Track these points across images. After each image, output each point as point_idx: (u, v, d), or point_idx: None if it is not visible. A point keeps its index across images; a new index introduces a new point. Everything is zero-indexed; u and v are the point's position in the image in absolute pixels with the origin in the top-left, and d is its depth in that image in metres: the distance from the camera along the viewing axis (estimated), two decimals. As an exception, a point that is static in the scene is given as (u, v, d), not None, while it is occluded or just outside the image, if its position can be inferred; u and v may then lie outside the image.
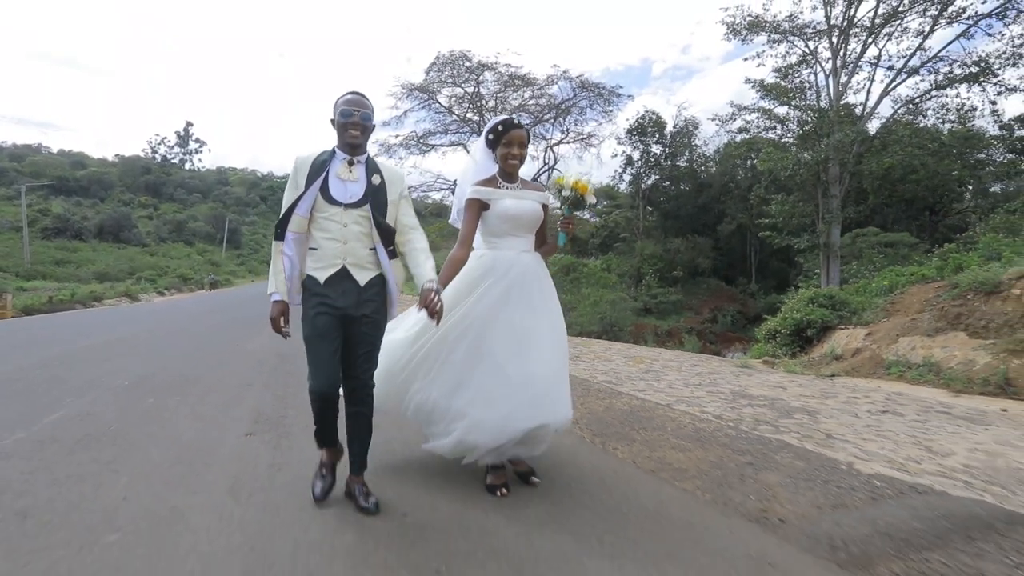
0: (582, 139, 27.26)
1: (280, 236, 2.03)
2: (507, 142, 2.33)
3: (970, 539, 1.87)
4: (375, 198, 2.07)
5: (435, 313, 2.02)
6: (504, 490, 2.27)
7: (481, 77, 26.30)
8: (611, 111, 27.16)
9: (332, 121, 2.09)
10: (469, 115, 27.55)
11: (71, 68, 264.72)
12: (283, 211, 2.04)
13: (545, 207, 2.45)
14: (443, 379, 2.25)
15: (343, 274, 2.04)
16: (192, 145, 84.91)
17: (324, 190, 2.02)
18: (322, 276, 2.03)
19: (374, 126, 2.12)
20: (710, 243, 30.73)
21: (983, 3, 15.38)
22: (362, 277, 2.07)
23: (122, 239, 48.05)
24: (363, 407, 2.11)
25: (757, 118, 19.10)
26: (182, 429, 3.27)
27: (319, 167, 2.04)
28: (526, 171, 3.18)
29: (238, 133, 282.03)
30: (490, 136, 2.40)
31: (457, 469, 2.43)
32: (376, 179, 2.10)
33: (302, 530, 1.91)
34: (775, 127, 18.78)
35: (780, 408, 4.05)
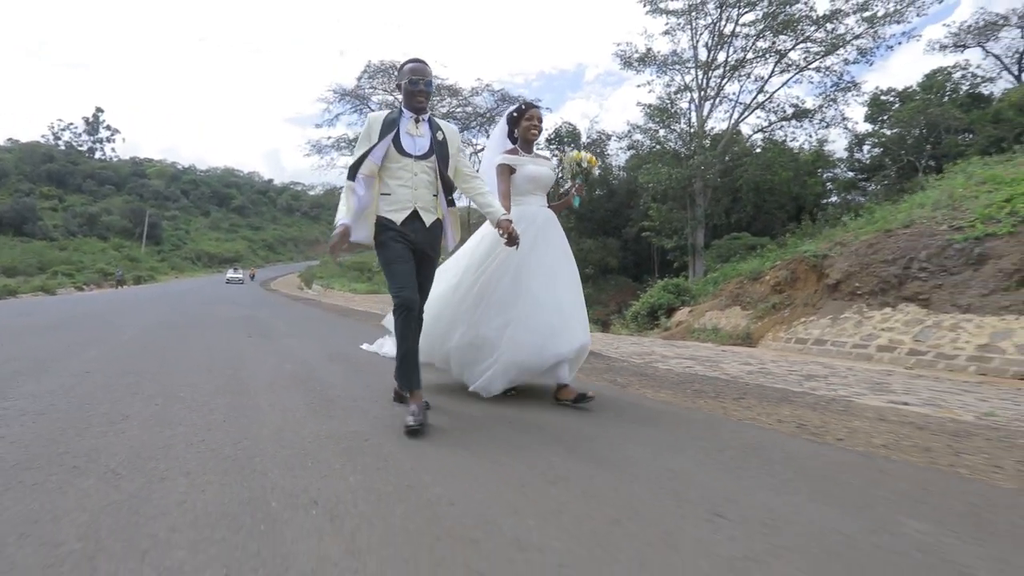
0: (506, 147, 30.26)
1: (352, 177, 2.34)
2: (528, 117, 2.84)
3: (594, 357, 4.72)
4: (440, 152, 2.42)
5: (514, 239, 2.40)
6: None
7: (410, 86, 28.51)
8: (531, 122, 30.40)
9: (399, 86, 2.47)
10: (399, 121, 29.64)
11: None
12: (356, 157, 2.34)
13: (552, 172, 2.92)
14: (490, 315, 2.64)
15: (414, 215, 2.38)
16: (103, 133, 79.45)
17: (396, 143, 2.35)
18: (397, 218, 2.35)
19: (433, 90, 2.49)
20: (618, 244, 34.52)
21: (811, 58, 19.92)
22: (428, 219, 2.40)
23: (25, 232, 45.24)
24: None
25: (642, 138, 22.95)
26: (209, 337, 5.74)
27: (390, 123, 2.37)
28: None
29: (154, 121, 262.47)
30: (514, 114, 2.91)
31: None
32: (440, 135, 2.44)
33: (310, 356, 4.40)
34: (656, 146, 22.66)
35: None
